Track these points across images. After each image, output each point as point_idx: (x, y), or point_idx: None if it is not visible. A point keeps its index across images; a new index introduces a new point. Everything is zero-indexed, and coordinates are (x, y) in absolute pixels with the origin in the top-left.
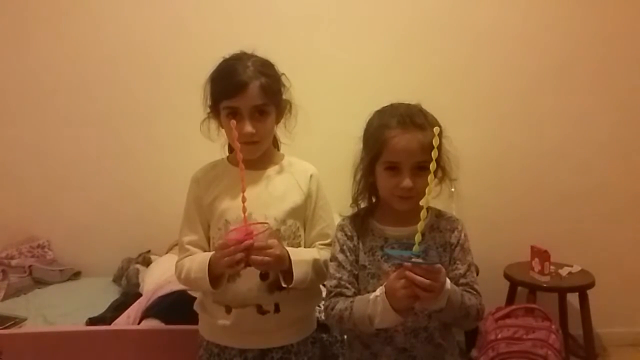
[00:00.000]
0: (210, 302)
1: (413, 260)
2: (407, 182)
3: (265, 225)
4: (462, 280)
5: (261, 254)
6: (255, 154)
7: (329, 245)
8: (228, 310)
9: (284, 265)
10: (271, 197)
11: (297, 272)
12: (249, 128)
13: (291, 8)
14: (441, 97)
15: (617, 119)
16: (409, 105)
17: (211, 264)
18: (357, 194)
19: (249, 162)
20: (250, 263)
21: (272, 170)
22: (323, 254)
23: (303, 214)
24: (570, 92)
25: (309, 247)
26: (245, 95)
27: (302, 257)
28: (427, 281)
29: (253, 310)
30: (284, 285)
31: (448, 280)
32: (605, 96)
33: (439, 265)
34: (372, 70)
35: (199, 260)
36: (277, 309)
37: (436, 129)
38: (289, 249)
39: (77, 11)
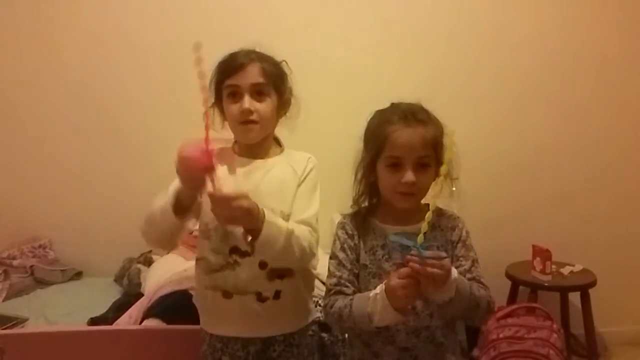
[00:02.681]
0: (203, 289)
1: (412, 253)
2: (409, 175)
3: (229, 141)
4: (468, 276)
5: (228, 207)
6: (254, 135)
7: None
8: (225, 295)
9: (252, 222)
10: (270, 185)
11: (266, 232)
12: (247, 104)
13: (292, 8)
14: (442, 96)
15: (619, 117)
16: (410, 103)
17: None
18: (358, 195)
19: (248, 150)
20: (215, 216)
21: (272, 160)
22: (297, 229)
23: None
24: (571, 90)
25: None
26: (245, 73)
27: (276, 220)
28: (432, 270)
29: (253, 298)
30: (247, 240)
31: (454, 270)
32: (608, 93)
33: (442, 254)
34: (373, 69)
35: (167, 193)
36: (276, 296)
37: (450, 131)
38: (265, 209)
39: (78, 10)
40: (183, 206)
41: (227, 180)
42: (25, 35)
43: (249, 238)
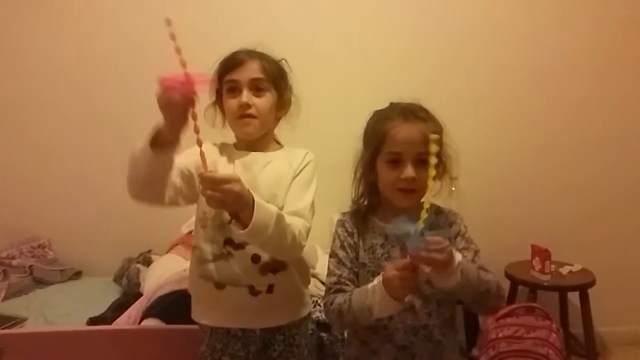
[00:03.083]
0: (197, 278)
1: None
2: (409, 170)
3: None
4: None
5: (219, 190)
6: (252, 130)
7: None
8: (218, 286)
9: (242, 207)
10: (267, 179)
11: (258, 216)
12: (245, 98)
13: (293, 8)
14: (442, 96)
15: (619, 116)
16: (409, 102)
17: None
18: (358, 196)
19: (248, 145)
20: (205, 199)
21: (271, 154)
22: (290, 218)
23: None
24: (571, 89)
25: None
26: (245, 68)
27: (267, 205)
28: (433, 255)
29: (245, 291)
30: (240, 231)
31: (458, 255)
32: (608, 93)
33: (439, 238)
34: (373, 69)
35: None
36: (270, 290)
37: (433, 136)
38: (255, 195)
39: (78, 10)
40: (163, 144)
41: (225, 168)
42: (25, 35)
43: (236, 228)
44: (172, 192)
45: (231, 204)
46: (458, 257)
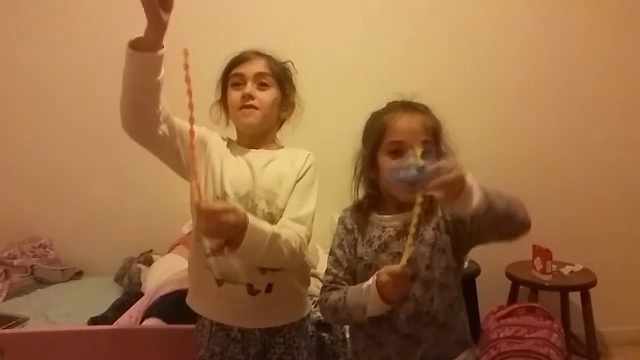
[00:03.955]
0: (203, 268)
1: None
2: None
3: None
4: None
5: (214, 221)
6: (253, 121)
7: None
8: (217, 282)
9: (236, 235)
10: (269, 177)
11: (249, 241)
12: (248, 89)
13: (294, 8)
14: (444, 96)
15: (622, 117)
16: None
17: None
18: (360, 198)
19: (250, 141)
20: (200, 226)
21: (273, 153)
22: (286, 232)
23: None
24: (572, 88)
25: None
26: (250, 62)
27: (261, 226)
28: (444, 177)
29: (244, 289)
30: (226, 251)
31: (470, 175)
32: (608, 92)
33: (445, 161)
34: (373, 68)
35: None
36: (269, 289)
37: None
38: (249, 215)
39: (79, 10)
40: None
41: (228, 160)
42: (26, 34)
43: (226, 250)
44: (165, 130)
45: (225, 233)
46: (470, 177)
